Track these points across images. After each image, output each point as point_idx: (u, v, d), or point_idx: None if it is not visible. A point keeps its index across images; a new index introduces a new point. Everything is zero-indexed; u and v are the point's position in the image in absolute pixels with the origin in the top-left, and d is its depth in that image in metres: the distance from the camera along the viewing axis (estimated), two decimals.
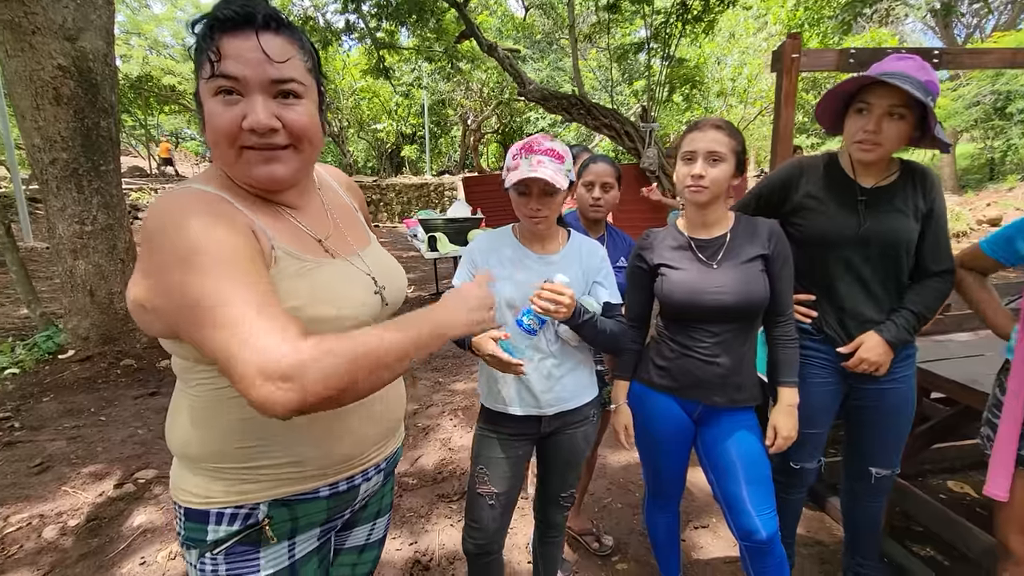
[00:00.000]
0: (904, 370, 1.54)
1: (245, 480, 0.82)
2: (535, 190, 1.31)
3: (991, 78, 13.46)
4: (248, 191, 0.82)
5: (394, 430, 1.01)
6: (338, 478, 0.89)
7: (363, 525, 1.06)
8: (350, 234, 0.96)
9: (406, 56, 14.61)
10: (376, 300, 0.91)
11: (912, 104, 1.32)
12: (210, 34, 0.72)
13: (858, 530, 1.76)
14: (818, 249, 1.52)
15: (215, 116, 0.74)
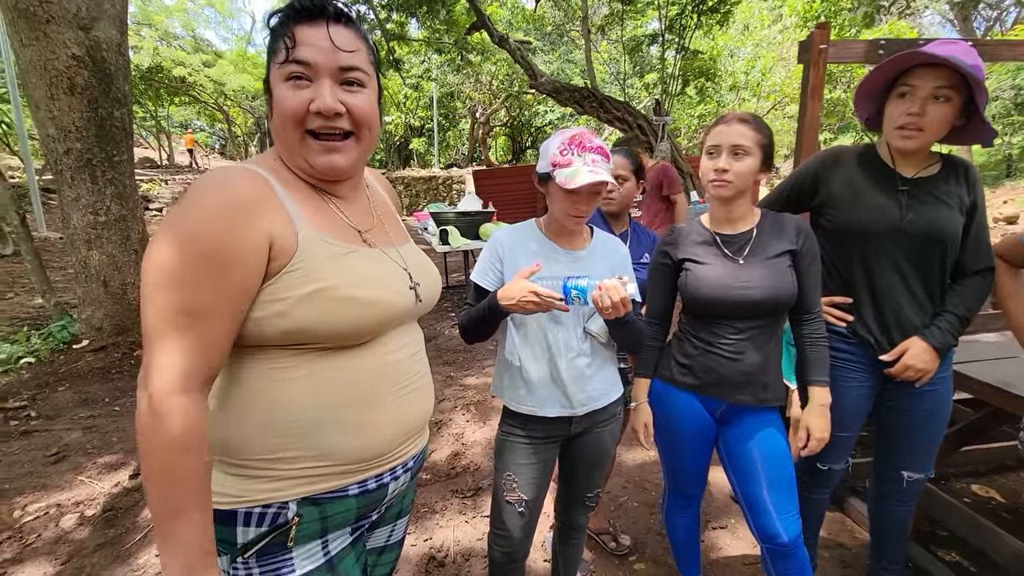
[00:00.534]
0: (942, 371, 1.48)
1: (274, 476, 0.80)
2: (586, 190, 1.26)
3: (1011, 72, 13.21)
4: (300, 177, 0.85)
5: (422, 427, 0.99)
6: (367, 475, 0.88)
7: (385, 526, 1.04)
8: (391, 231, 0.98)
9: (416, 48, 14.56)
10: (411, 295, 0.92)
11: (959, 85, 1.27)
12: (286, 23, 0.78)
13: (885, 534, 1.72)
14: (856, 242, 1.46)
15: (285, 99, 0.78)
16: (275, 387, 0.79)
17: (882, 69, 1.34)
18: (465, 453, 2.85)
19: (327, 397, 0.81)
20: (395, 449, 0.91)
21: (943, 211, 1.39)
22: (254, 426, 0.79)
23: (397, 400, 0.89)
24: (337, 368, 0.82)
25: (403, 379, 0.91)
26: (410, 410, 0.93)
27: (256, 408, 0.79)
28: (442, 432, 3.11)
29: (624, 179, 1.76)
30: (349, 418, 0.83)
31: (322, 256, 0.80)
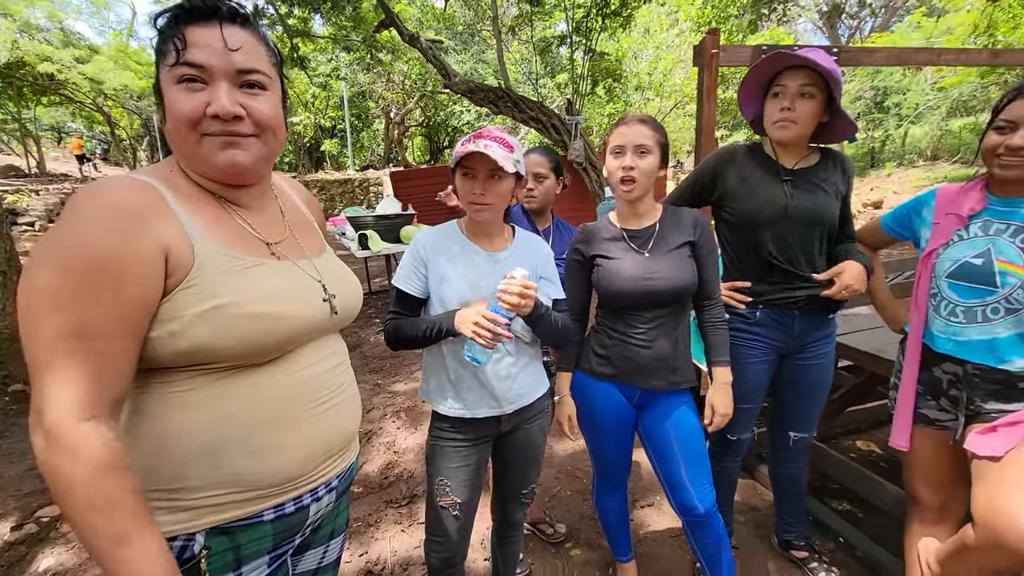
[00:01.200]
0: (825, 346, 1.70)
1: (178, 507, 0.74)
2: (481, 173, 1.27)
3: (870, 75, 15.00)
4: (200, 185, 0.80)
5: (346, 444, 0.95)
6: (283, 499, 0.83)
7: (316, 548, 0.99)
8: (304, 241, 0.94)
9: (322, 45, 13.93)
10: (325, 308, 0.89)
11: (819, 83, 1.46)
12: (175, 24, 0.74)
13: (783, 492, 1.93)
14: (751, 228, 1.61)
15: (177, 103, 0.74)
16: (173, 412, 0.74)
17: (756, 70, 1.52)
18: (398, 462, 2.80)
19: (233, 419, 0.77)
20: (314, 469, 0.87)
21: (821, 197, 1.57)
22: (151, 455, 0.74)
23: (314, 417, 0.86)
24: (243, 388, 0.78)
25: (320, 395, 0.87)
26: (330, 427, 0.89)
27: (153, 435, 0.74)
28: (373, 442, 3.03)
29: (543, 177, 1.81)
30: (258, 440, 0.79)
31: (220, 270, 0.75)
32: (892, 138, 16.79)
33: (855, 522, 2.12)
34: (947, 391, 1.39)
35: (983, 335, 1.29)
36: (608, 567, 1.98)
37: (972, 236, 1.33)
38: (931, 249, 1.39)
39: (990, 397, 1.29)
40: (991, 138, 1.28)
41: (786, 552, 1.96)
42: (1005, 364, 1.26)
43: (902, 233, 1.56)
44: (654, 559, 2.03)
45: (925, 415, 1.43)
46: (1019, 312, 1.24)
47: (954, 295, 1.33)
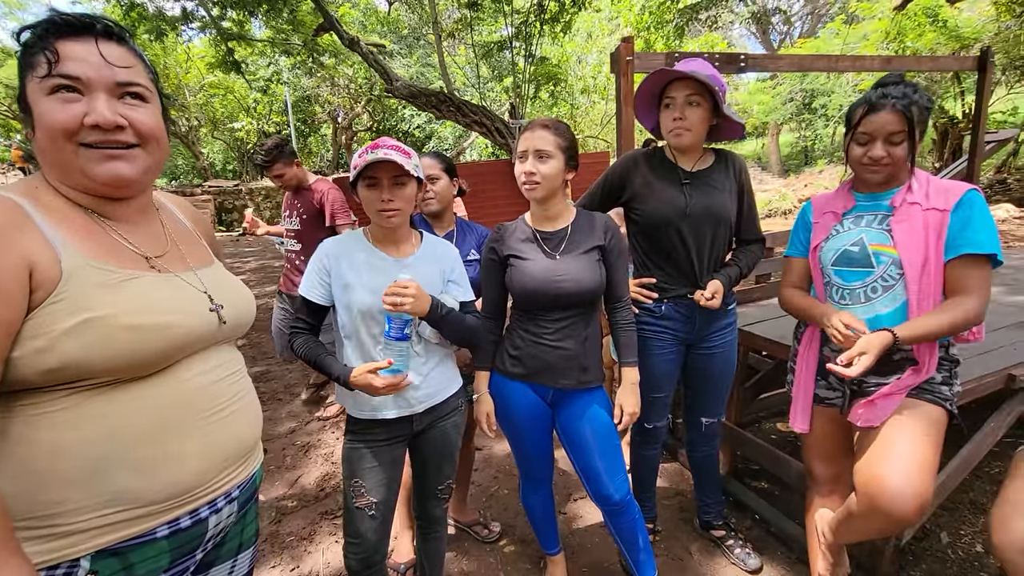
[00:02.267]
0: (726, 336, 1.81)
1: (56, 534, 0.72)
2: (385, 180, 1.30)
3: (799, 78, 15.90)
4: (70, 199, 0.78)
5: (247, 453, 0.94)
6: (177, 513, 0.81)
7: (223, 563, 0.97)
8: (189, 255, 0.93)
9: (260, 49, 13.52)
10: (212, 317, 0.88)
11: (703, 92, 1.56)
12: (46, 37, 0.73)
13: (700, 474, 2.04)
14: (657, 229, 1.70)
15: (52, 113, 0.72)
16: (43, 434, 0.72)
17: (646, 85, 1.62)
18: (335, 473, 2.76)
19: (113, 435, 0.75)
20: (210, 480, 0.86)
21: (717, 196, 1.68)
22: (23, 482, 0.71)
23: (206, 427, 0.85)
24: (123, 402, 0.76)
25: (212, 404, 0.87)
26: (225, 436, 0.88)
27: (21, 461, 0.71)
28: (310, 454, 2.97)
29: (436, 178, 1.84)
30: (142, 454, 0.77)
31: (93, 283, 0.74)
32: (821, 137, 17.85)
33: (771, 499, 2.25)
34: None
35: (867, 313, 1.41)
36: (540, 560, 2.02)
37: (847, 229, 1.47)
38: (815, 244, 1.53)
39: (870, 372, 1.41)
40: (855, 150, 1.41)
41: (706, 532, 2.07)
42: None
43: (807, 248, 1.60)
44: (584, 550, 2.09)
45: (816, 394, 1.55)
46: (893, 288, 1.37)
47: (840, 280, 1.46)
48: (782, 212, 14.26)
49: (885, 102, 1.32)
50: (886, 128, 1.33)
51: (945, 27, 10.13)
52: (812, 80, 15.66)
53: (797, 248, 1.63)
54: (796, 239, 1.64)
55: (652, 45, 11.53)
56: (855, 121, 1.38)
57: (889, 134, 1.33)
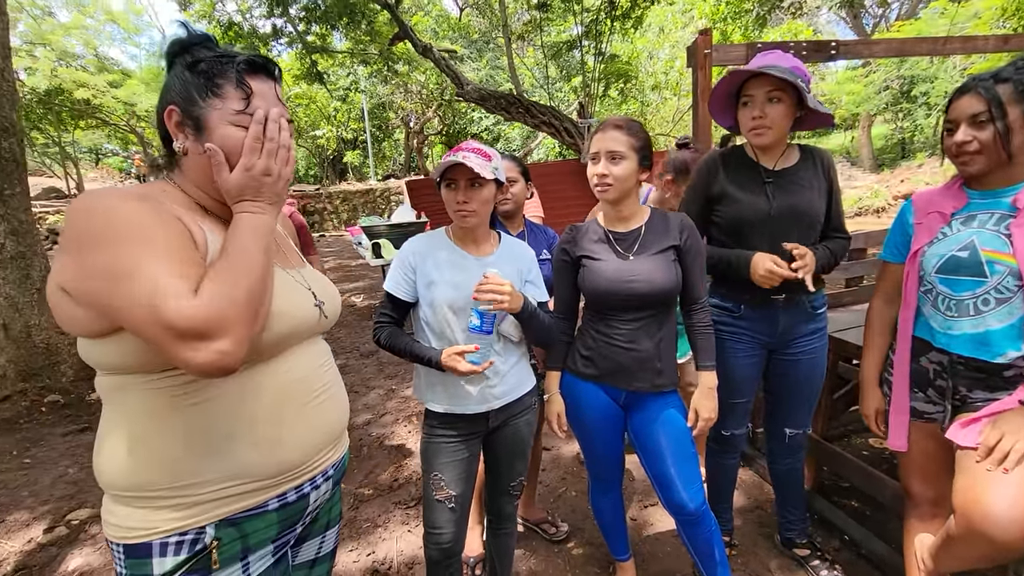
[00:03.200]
0: (815, 342, 1.69)
1: (187, 503, 0.80)
2: (462, 182, 1.35)
3: (896, 64, 14.58)
4: (196, 203, 0.87)
5: (339, 436, 1.02)
6: (285, 488, 0.89)
7: (313, 538, 1.05)
8: (289, 256, 1.02)
9: (340, 60, 14.29)
10: (316, 312, 0.96)
11: (785, 86, 1.47)
12: (241, 73, 0.83)
13: (782, 488, 1.91)
14: (738, 230, 1.62)
15: (234, 139, 0.81)
16: (182, 413, 0.79)
17: (721, 86, 1.55)
18: (407, 464, 2.86)
19: (237, 415, 0.82)
20: (312, 459, 0.93)
21: (804, 195, 1.58)
22: (162, 456, 0.79)
23: (309, 411, 0.92)
24: (243, 385, 0.83)
25: (313, 389, 0.94)
26: (323, 420, 0.95)
27: (164, 437, 0.79)
28: (384, 445, 3.10)
29: (513, 180, 1.87)
30: (261, 433, 0.84)
31: None
32: (922, 128, 16.25)
33: (862, 519, 2.08)
34: (933, 381, 1.37)
35: (975, 328, 1.27)
36: (609, 565, 1.99)
37: (955, 232, 1.32)
38: (916, 248, 1.38)
39: (975, 386, 1.28)
40: (946, 140, 1.30)
41: (788, 550, 1.94)
42: (1000, 358, 1.24)
43: (905, 252, 1.46)
44: (655, 558, 2.03)
45: (914, 407, 1.41)
46: (1010, 301, 1.22)
47: (946, 289, 1.32)
48: (874, 210, 13.15)
49: (971, 84, 1.23)
50: (967, 111, 1.22)
51: None
52: (912, 65, 14.31)
53: (893, 252, 1.50)
54: (893, 241, 1.50)
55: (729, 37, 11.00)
56: (945, 108, 1.28)
57: (971, 116, 1.22)
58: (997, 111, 1.20)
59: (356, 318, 6.15)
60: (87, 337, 0.77)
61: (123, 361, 0.77)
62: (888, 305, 1.53)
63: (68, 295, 0.74)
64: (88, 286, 0.71)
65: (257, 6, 10.04)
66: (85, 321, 0.75)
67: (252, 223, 0.80)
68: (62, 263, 0.74)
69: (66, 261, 0.73)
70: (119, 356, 0.76)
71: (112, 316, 0.71)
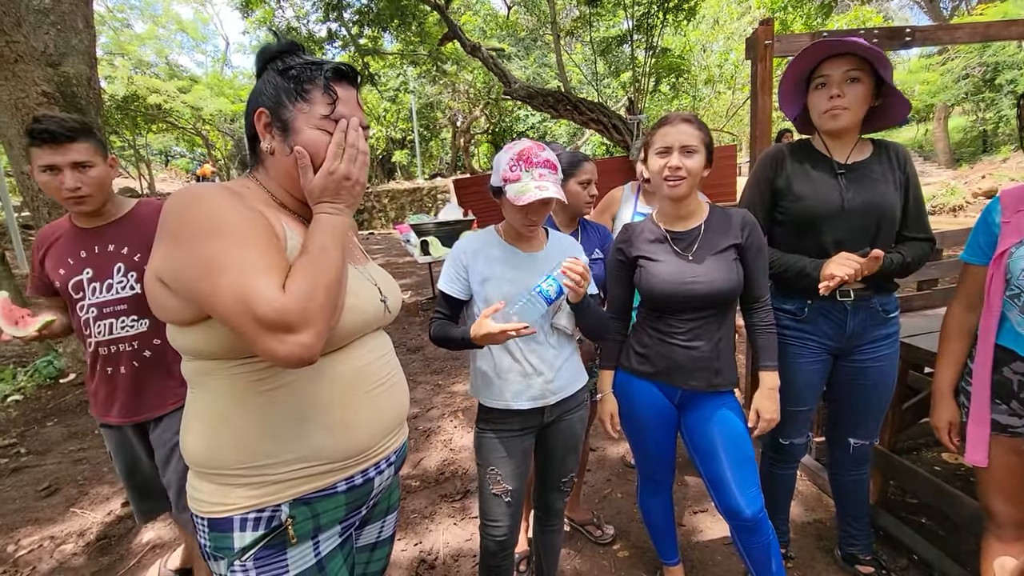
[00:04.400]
0: (886, 348, 1.59)
1: (263, 482, 0.84)
2: (536, 204, 1.32)
3: (978, 50, 13.49)
4: (278, 202, 0.92)
5: (401, 422, 1.05)
6: (353, 471, 0.93)
7: (374, 523, 1.10)
8: (357, 253, 1.06)
9: (391, 61, 14.65)
10: (381, 306, 1.00)
11: (865, 67, 1.38)
12: (329, 79, 0.88)
13: (844, 500, 1.81)
14: (809, 227, 1.55)
15: (317, 142, 0.86)
16: (261, 397, 0.84)
17: (796, 64, 1.45)
18: (454, 459, 2.90)
19: (315, 400, 0.87)
20: (377, 444, 0.97)
21: (879, 189, 1.48)
22: (242, 437, 0.84)
23: (374, 398, 0.96)
24: (316, 373, 0.87)
25: (377, 379, 0.97)
26: (387, 407, 0.99)
27: (244, 419, 0.84)
28: (431, 440, 3.16)
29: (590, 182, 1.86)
30: (332, 418, 0.89)
31: None
32: (1007, 119, 14.94)
33: (933, 539, 1.94)
34: (1018, 393, 1.26)
35: None
36: (656, 570, 1.95)
37: None
38: (1003, 249, 1.27)
39: None
40: None
41: (850, 566, 1.84)
42: None
43: (989, 254, 1.35)
44: (704, 566, 1.98)
45: (996, 420, 1.31)
46: None
47: None
48: (950, 209, 12.23)
49: None
50: None
51: None
52: (996, 51, 13.19)
53: (977, 253, 1.38)
54: (976, 242, 1.38)
55: (789, 27, 10.51)
56: None
57: None
58: None
59: (403, 314, 6.29)
60: (177, 325, 0.83)
61: (208, 348, 0.82)
62: (968, 311, 1.42)
63: (164, 285, 0.80)
64: (184, 275, 0.75)
65: (313, 11, 10.45)
66: (177, 310, 0.80)
67: (331, 223, 0.84)
68: (161, 254, 0.79)
69: (164, 252, 0.78)
70: (205, 343, 0.81)
71: (204, 305, 0.75)
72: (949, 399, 1.44)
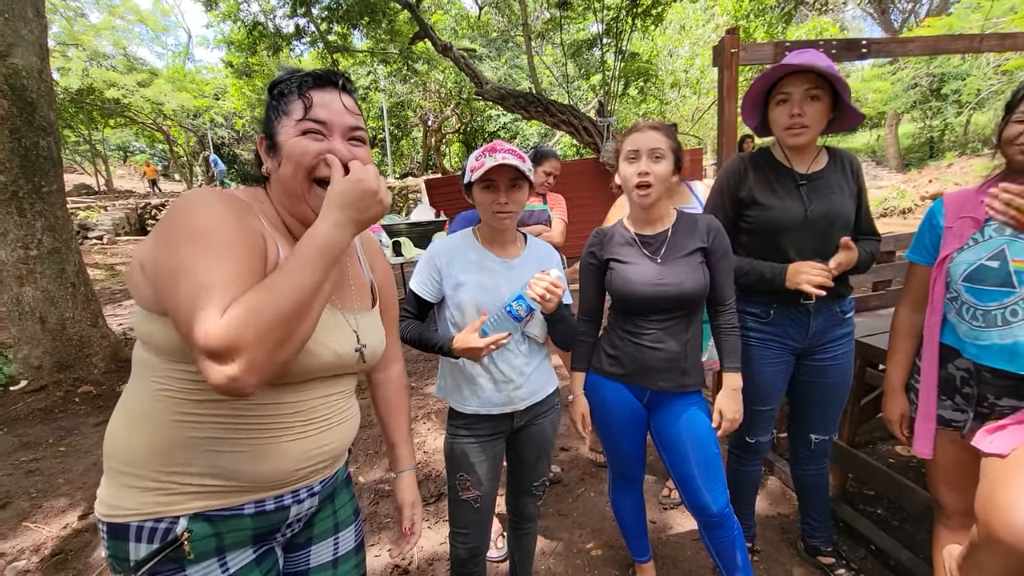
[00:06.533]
0: (844, 347, 1.67)
1: (168, 490, 0.81)
2: (502, 184, 1.34)
3: (926, 62, 14.18)
4: (280, 224, 0.90)
5: (333, 458, 0.99)
6: (265, 495, 0.88)
7: (323, 542, 1.05)
8: (358, 298, 1.02)
9: (361, 59, 14.43)
10: (355, 356, 0.96)
11: (824, 84, 1.45)
12: (303, 87, 0.86)
13: (806, 495, 1.89)
14: (772, 236, 1.60)
15: (301, 147, 0.85)
16: (190, 404, 0.81)
17: (760, 80, 1.52)
18: (427, 462, 2.89)
19: (236, 420, 0.83)
20: (298, 474, 0.92)
21: (836, 199, 1.56)
22: (160, 438, 0.81)
23: (314, 435, 0.92)
24: (261, 397, 0.84)
25: (315, 417, 0.93)
26: (325, 443, 0.94)
27: (167, 421, 0.81)
28: None
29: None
30: (255, 443, 0.84)
31: None
32: (952, 127, 15.80)
33: (889, 529, 2.04)
34: (960, 388, 1.35)
35: (1004, 339, 1.24)
36: (629, 567, 1.99)
37: (987, 238, 1.29)
38: (945, 254, 1.35)
39: (1004, 394, 1.25)
40: (1014, 128, 1.24)
41: (812, 558, 1.92)
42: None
43: (934, 254, 1.43)
44: (674, 561, 2.03)
45: (941, 416, 1.39)
46: None
47: (972, 298, 1.29)
48: (900, 211, 12.84)
49: None
50: None
51: None
52: (942, 63, 13.91)
53: (922, 253, 1.46)
54: (920, 242, 1.46)
55: (752, 34, 10.83)
56: (1018, 97, 1.23)
57: None
58: None
59: None
60: (146, 309, 0.81)
61: (161, 342, 0.80)
62: (914, 311, 1.51)
63: (144, 271, 0.79)
64: (158, 269, 0.76)
65: (280, 6, 10.20)
66: (149, 296, 0.79)
67: (326, 237, 0.78)
68: (149, 244, 0.79)
69: (152, 242, 0.78)
70: (161, 336, 0.79)
71: (164, 304, 0.75)
72: (900, 394, 1.53)
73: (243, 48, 12.33)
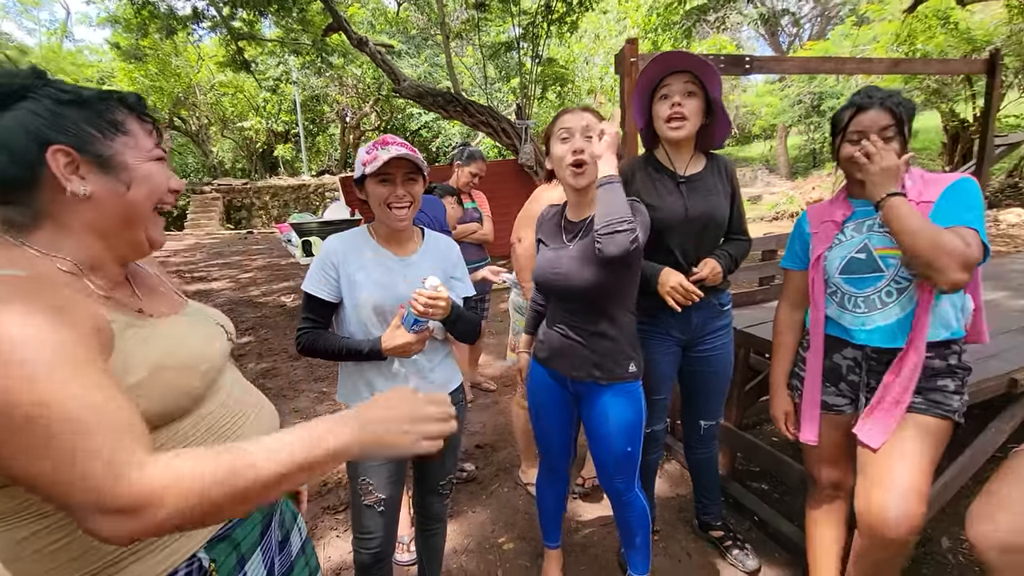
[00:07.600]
0: (724, 337, 1.81)
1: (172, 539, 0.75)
2: (399, 176, 1.32)
3: (807, 80, 15.81)
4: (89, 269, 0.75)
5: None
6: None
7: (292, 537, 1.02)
8: (168, 296, 0.93)
9: (270, 49, 13.62)
10: (228, 345, 0.94)
11: (699, 85, 1.58)
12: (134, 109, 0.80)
13: (698, 476, 2.04)
14: (657, 234, 1.68)
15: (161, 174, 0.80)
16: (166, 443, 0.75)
17: (646, 76, 1.61)
18: (336, 469, 2.78)
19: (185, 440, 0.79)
20: None
21: (713, 200, 1.68)
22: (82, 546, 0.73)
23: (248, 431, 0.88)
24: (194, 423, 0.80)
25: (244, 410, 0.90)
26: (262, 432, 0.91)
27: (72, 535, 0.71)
28: None
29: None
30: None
31: (138, 340, 0.74)
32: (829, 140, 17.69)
33: (770, 501, 2.25)
34: (846, 376, 1.50)
35: (887, 319, 1.39)
36: (538, 557, 2.03)
37: (849, 237, 1.46)
38: (818, 254, 1.51)
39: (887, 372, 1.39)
40: (847, 149, 1.40)
41: (704, 533, 2.07)
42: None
43: (804, 260, 1.59)
44: (583, 547, 2.10)
45: (825, 401, 1.53)
46: (907, 289, 1.36)
47: (851, 288, 1.44)
48: (790, 215, 14.19)
49: (872, 101, 1.35)
50: (878, 123, 1.34)
51: (956, 29, 10.04)
52: (820, 82, 15.59)
53: (795, 260, 1.63)
54: (792, 251, 1.63)
55: (660, 47, 11.49)
56: (844, 123, 1.40)
57: (881, 128, 1.34)
58: (899, 127, 1.34)
59: (285, 319, 5.89)
60: None
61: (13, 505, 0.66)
62: (794, 309, 1.66)
63: None
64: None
65: None
66: None
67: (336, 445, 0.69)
68: None
69: None
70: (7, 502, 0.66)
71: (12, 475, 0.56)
72: (783, 392, 1.67)
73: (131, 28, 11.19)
